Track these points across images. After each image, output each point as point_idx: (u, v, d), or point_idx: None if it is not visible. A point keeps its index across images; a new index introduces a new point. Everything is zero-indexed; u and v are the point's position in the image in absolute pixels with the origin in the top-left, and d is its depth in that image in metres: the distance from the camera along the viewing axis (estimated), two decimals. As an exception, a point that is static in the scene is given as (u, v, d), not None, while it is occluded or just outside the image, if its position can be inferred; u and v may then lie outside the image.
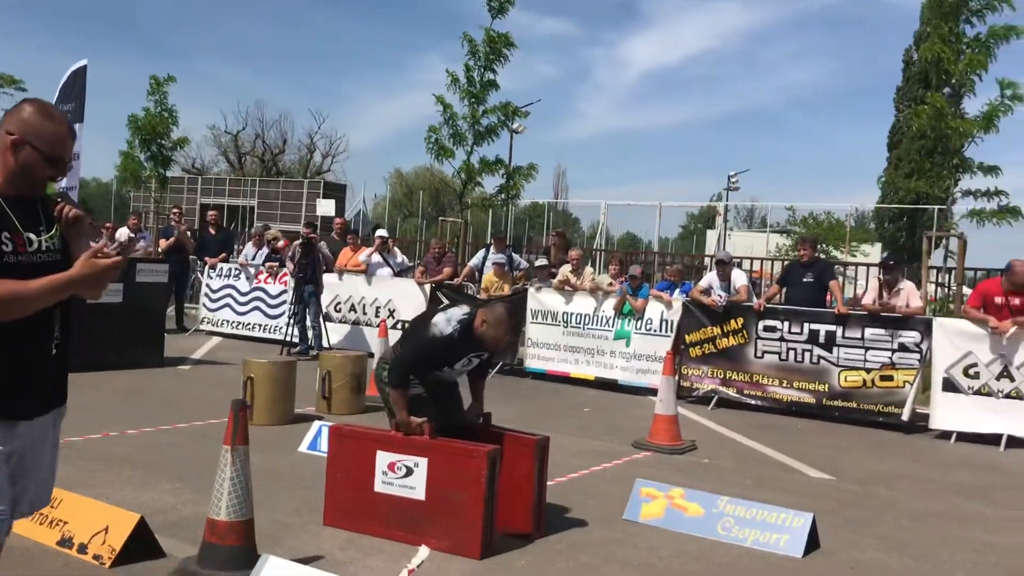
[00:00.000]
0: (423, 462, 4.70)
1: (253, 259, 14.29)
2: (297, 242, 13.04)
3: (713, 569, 4.68)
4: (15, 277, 2.56)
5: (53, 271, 2.63)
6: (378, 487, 4.79)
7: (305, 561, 4.19)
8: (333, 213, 26.27)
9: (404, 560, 4.47)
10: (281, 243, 14.30)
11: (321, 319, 12.45)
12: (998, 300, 9.09)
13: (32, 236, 2.71)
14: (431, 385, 5.09)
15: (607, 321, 11.16)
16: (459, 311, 5.00)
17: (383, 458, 4.80)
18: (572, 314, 11.40)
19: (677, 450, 7.63)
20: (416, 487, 4.71)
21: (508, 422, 7.20)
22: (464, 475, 4.59)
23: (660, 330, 10.84)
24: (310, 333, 12.40)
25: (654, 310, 10.90)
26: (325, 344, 12.21)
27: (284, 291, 13.32)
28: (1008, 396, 8.87)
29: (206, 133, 54.70)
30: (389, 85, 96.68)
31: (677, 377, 9.74)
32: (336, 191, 40.05)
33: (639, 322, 10.92)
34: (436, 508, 4.65)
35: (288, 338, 12.37)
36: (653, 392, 8.88)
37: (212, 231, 15.38)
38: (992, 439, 8.82)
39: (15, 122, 2.74)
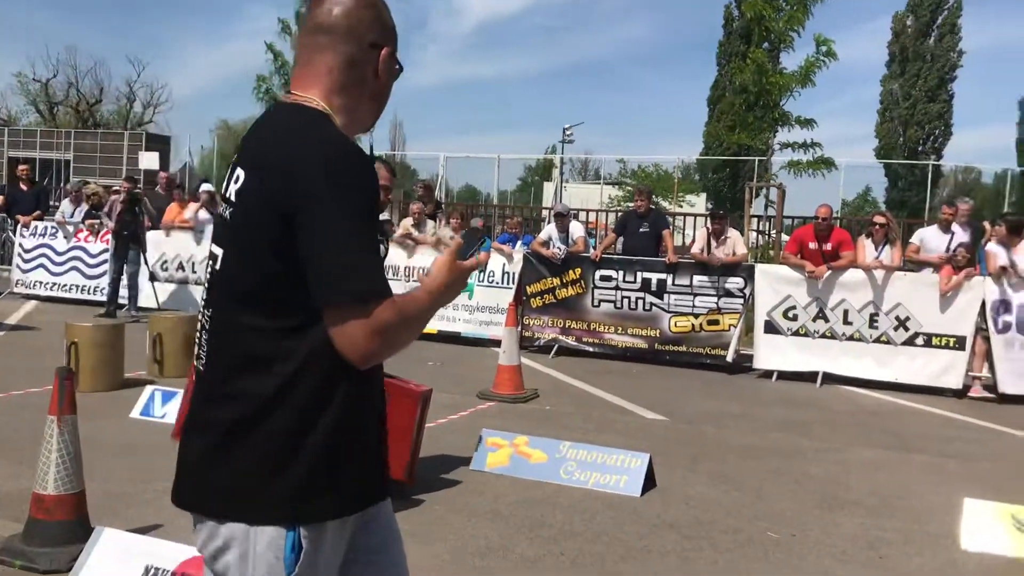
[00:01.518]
0: None
1: (71, 216, 13.42)
2: (115, 197, 12.33)
3: (558, 512, 4.83)
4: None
5: None
6: None
7: (144, 531, 4.03)
8: (157, 166, 24.91)
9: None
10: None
11: (140, 279, 11.91)
12: (812, 246, 9.76)
13: None
14: None
15: (448, 274, 11.16)
16: None
17: None
18: (414, 268, 11.35)
19: (520, 399, 7.79)
20: None
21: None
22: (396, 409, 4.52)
23: (502, 282, 10.98)
24: (131, 293, 11.88)
25: (496, 263, 11.01)
26: (153, 304, 11.67)
27: (106, 250, 12.58)
28: (823, 336, 9.55)
29: (11, 81, 50.54)
30: (214, 32, 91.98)
31: (519, 328, 9.91)
32: (160, 143, 37.93)
33: (481, 275, 11.01)
34: None
35: (109, 301, 11.75)
36: (496, 343, 9.01)
37: (24, 187, 14.28)
38: (809, 376, 9.50)
39: (375, 24, 1.86)
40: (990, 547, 4.47)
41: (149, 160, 25.56)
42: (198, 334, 1.85)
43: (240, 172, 1.75)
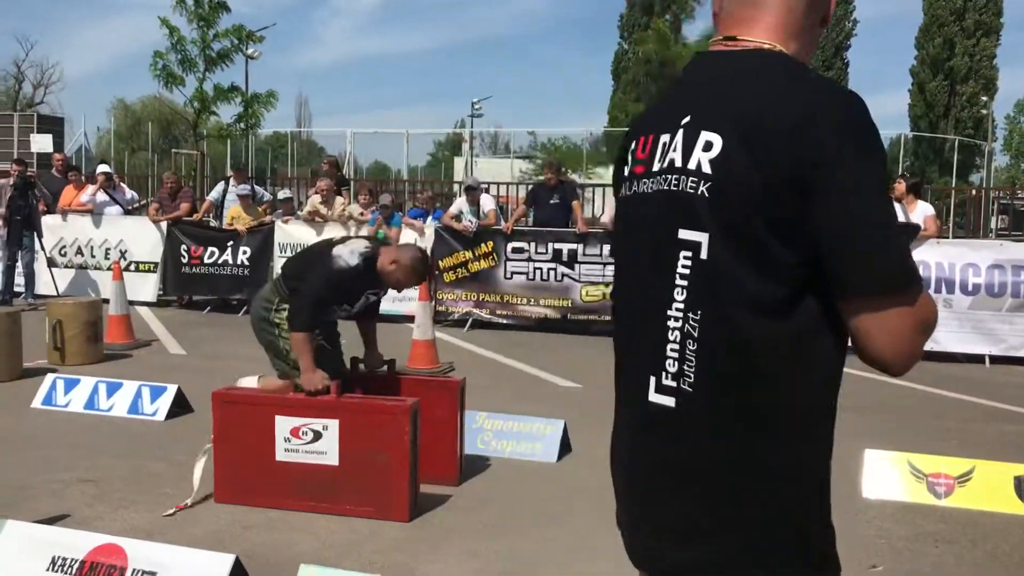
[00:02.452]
0: (333, 424, 4.26)
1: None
2: (4, 181, 11.81)
3: (476, 482, 4.86)
4: None
5: None
6: (280, 456, 4.31)
7: (49, 522, 3.91)
8: (51, 149, 23.87)
9: (159, 509, 4.31)
10: None
11: (36, 266, 11.48)
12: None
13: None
14: (322, 328, 4.74)
15: (359, 251, 11.05)
16: (360, 244, 4.68)
17: (284, 423, 4.31)
18: (323, 246, 11.19)
19: (436, 373, 7.80)
20: (327, 451, 4.27)
21: (256, 361, 7.00)
22: (384, 434, 4.20)
23: (413, 257, 10.93)
24: (28, 280, 11.46)
25: (407, 238, 10.94)
26: (52, 292, 11.26)
27: (0, 236, 12.04)
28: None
29: None
30: (105, 7, 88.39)
31: (433, 303, 9.90)
32: (52, 124, 36.32)
33: (391, 250, 10.92)
34: (353, 472, 4.25)
35: (3, 290, 11.28)
36: (411, 319, 8.99)
37: (-96, 173, 13.54)
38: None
39: None
40: (890, 494, 4.71)
41: (41, 142, 24.49)
42: (652, 344, 1.45)
43: (711, 137, 1.38)
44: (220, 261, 11.56)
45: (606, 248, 10.22)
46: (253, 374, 5.15)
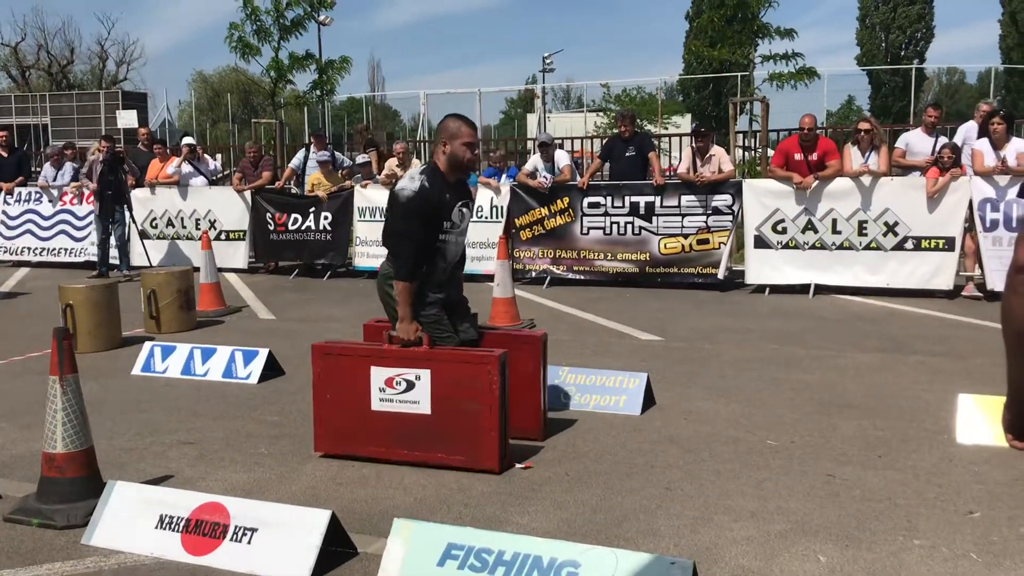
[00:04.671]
0: (425, 374, 4.33)
1: (54, 180, 13.32)
2: (94, 157, 12.22)
3: (561, 436, 4.90)
4: None
5: None
6: (375, 405, 4.41)
7: (155, 482, 4.10)
8: (136, 124, 24.67)
9: (257, 469, 4.47)
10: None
11: (127, 238, 11.91)
12: (797, 157, 9.73)
13: None
14: (445, 285, 4.64)
15: (437, 212, 11.12)
16: (415, 170, 4.63)
17: (379, 374, 4.40)
18: (401, 208, 11.29)
19: (517, 329, 7.84)
20: (420, 401, 4.34)
21: (347, 321, 7.14)
22: (474, 383, 4.24)
23: (491, 216, 10.96)
24: (121, 253, 11.89)
25: (483, 197, 10.97)
26: (146, 263, 11.67)
27: (92, 211, 12.51)
28: (813, 247, 9.59)
29: (-22, 49, 49.57)
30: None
31: (511, 261, 9.94)
32: (136, 100, 37.45)
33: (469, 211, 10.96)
34: (444, 421, 4.30)
35: (100, 263, 11.74)
36: (490, 278, 9.04)
37: (3, 153, 14.11)
38: (801, 289, 9.57)
39: None
40: (983, 439, 4.58)
41: (127, 118, 25.30)
42: None
43: None
44: (304, 227, 11.79)
45: (684, 199, 10.07)
46: (339, 336, 5.25)
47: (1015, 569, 3.25)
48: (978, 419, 4.69)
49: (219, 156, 18.35)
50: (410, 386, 4.36)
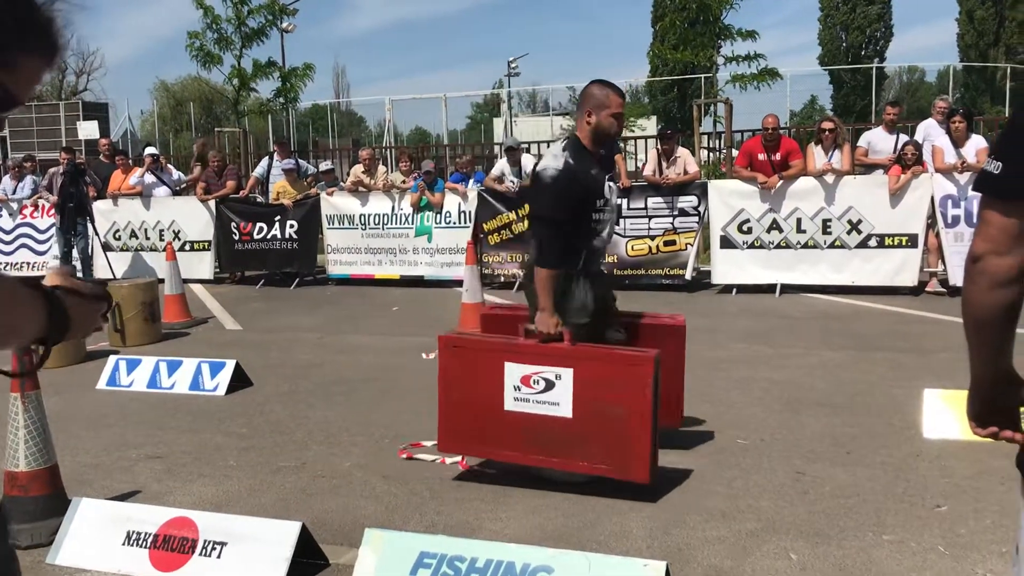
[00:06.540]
0: (567, 373, 3.90)
1: (13, 193, 13.11)
2: (54, 170, 12.07)
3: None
4: None
5: None
6: (509, 405, 4.02)
7: (122, 498, 4.05)
8: (97, 135, 24.27)
9: (225, 482, 4.41)
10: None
11: (90, 250, 11.76)
12: (761, 157, 9.82)
13: None
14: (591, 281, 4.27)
15: (406, 219, 11.11)
16: (556, 146, 4.28)
17: (514, 371, 4.00)
18: (370, 215, 11.26)
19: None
20: (560, 402, 3.93)
21: (316, 330, 7.06)
22: (624, 385, 3.82)
23: (459, 221, 10.94)
24: (84, 265, 11.75)
25: (451, 203, 10.96)
26: (109, 275, 11.52)
27: (54, 224, 12.33)
28: (778, 247, 9.68)
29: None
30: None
31: (480, 266, 9.93)
32: (97, 111, 36.88)
33: (438, 216, 10.96)
34: (587, 426, 3.89)
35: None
36: (459, 284, 9.02)
37: (-42, 167, 13.89)
38: (768, 288, 9.64)
39: None
40: (949, 433, 4.63)
41: (88, 129, 24.95)
42: None
43: None
44: (269, 236, 11.69)
45: (650, 200, 10.12)
46: (309, 345, 5.21)
47: (982, 562, 3.30)
48: (944, 414, 4.74)
49: (181, 167, 18.17)
50: (549, 385, 3.96)
